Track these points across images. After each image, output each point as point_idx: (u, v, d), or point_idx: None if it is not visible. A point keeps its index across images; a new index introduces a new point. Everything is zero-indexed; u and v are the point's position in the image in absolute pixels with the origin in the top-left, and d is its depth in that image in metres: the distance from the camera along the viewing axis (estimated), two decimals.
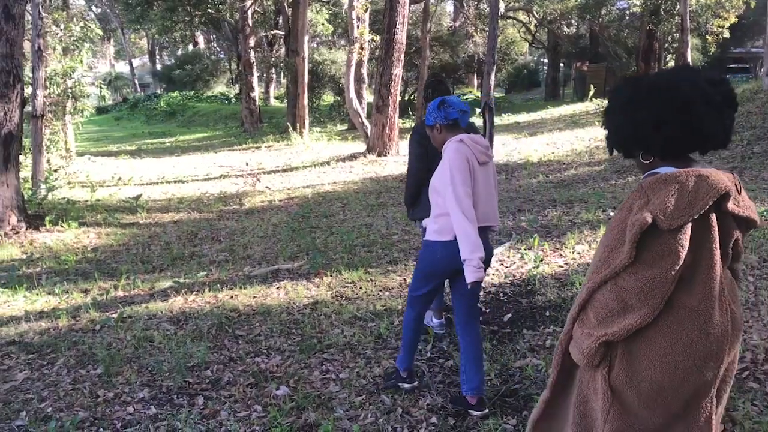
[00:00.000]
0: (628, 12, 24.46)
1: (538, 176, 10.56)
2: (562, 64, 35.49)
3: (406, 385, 3.69)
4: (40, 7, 11.21)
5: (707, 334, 1.88)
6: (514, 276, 5.55)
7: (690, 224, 1.82)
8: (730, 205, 1.88)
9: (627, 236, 1.86)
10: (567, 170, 10.79)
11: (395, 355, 4.12)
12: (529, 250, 6.20)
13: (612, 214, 7.37)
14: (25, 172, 11.03)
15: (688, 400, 1.94)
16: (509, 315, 4.76)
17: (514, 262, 5.95)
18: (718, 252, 1.88)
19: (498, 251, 6.30)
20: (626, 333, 1.88)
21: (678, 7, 17.60)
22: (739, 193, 1.93)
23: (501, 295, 5.19)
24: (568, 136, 14.62)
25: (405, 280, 5.68)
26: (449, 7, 40.94)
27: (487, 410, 3.35)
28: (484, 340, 4.27)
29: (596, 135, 13.81)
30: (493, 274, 5.64)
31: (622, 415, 1.96)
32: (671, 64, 23.69)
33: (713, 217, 1.87)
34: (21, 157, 9.00)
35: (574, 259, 5.84)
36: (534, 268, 5.57)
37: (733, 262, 2.06)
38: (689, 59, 13.50)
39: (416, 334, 3.65)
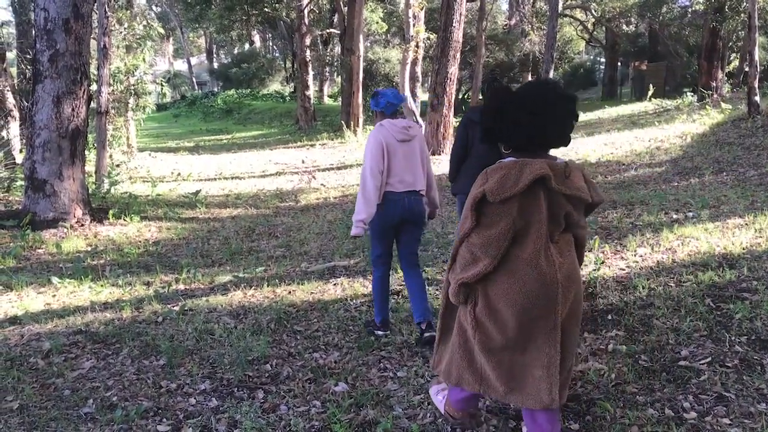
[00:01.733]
0: (690, 10, 23.78)
1: (596, 177, 10.35)
2: (619, 63, 34.74)
3: (380, 332, 4.51)
4: (106, 6, 11.54)
5: (536, 279, 2.54)
6: None
7: (516, 198, 2.48)
8: (555, 185, 2.50)
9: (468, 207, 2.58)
10: (627, 171, 10.55)
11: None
12: (589, 252, 6.08)
13: (675, 216, 7.18)
14: (89, 167, 11.37)
15: (531, 326, 2.62)
16: None
17: None
18: (545, 218, 2.55)
19: None
20: (476, 277, 2.58)
21: (745, 4, 17.01)
22: (567, 177, 2.56)
23: None
24: (627, 136, 14.29)
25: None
26: (504, 5, 40.55)
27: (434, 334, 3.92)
28: None
29: (656, 136, 13.47)
30: None
31: (483, 336, 2.70)
32: (735, 63, 22.93)
33: (542, 193, 2.52)
34: (86, 152, 9.28)
35: (636, 262, 5.70)
36: (595, 270, 5.45)
37: (574, 229, 2.72)
38: (756, 58, 13.02)
39: (384, 291, 4.49)
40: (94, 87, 11.54)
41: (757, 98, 12.78)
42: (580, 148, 13.33)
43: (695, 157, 10.81)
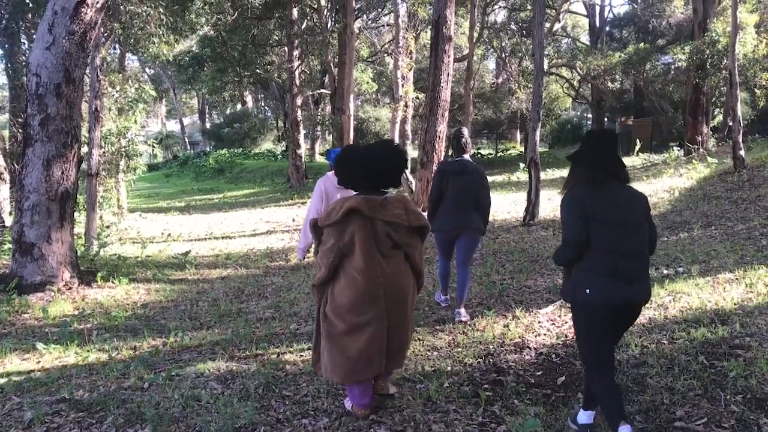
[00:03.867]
0: (673, 67, 24.34)
1: None
2: (606, 119, 35.34)
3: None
4: (98, 70, 11.71)
5: (364, 282, 3.52)
6: (566, 336, 5.40)
7: (337, 224, 3.53)
8: (370, 214, 3.51)
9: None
10: None
11: (445, 419, 4.00)
12: None
13: (665, 271, 7.18)
14: (79, 228, 11.33)
15: (364, 323, 3.56)
16: (562, 378, 4.61)
17: (566, 322, 5.80)
18: (368, 239, 3.51)
19: (548, 310, 6.16)
20: (320, 280, 3.69)
21: (725, 61, 17.44)
22: (385, 208, 3.56)
23: (553, 356, 5.04)
24: None
25: (453, 339, 5.58)
26: (492, 65, 41.44)
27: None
28: (537, 404, 4.14)
29: (644, 190, 13.58)
30: (544, 335, 5.50)
31: (330, 329, 3.69)
32: (719, 118, 23.36)
33: (360, 220, 3.50)
34: (75, 214, 9.26)
35: None
36: None
37: (402, 247, 3.67)
38: (739, 114, 13.27)
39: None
40: (85, 149, 11.60)
41: (742, 152, 12.97)
42: None
43: (684, 211, 10.90)
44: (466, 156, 6.30)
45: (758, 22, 19.80)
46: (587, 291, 3.35)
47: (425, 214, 6.33)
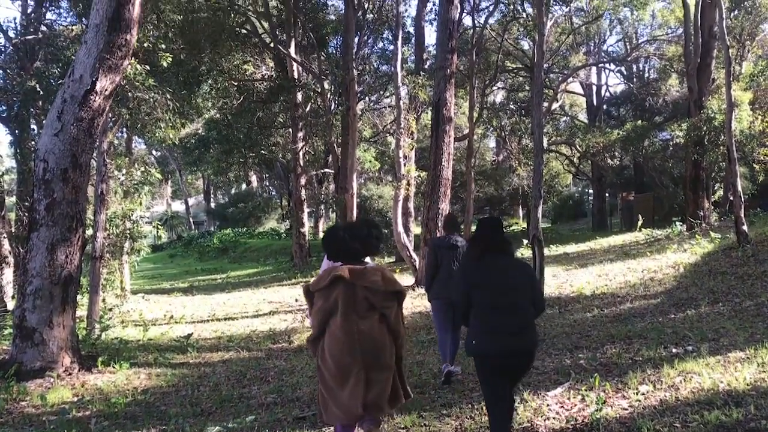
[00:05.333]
0: (671, 143, 24.69)
1: (592, 310, 10.27)
2: (607, 194, 35.62)
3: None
4: (105, 154, 11.91)
5: (344, 339, 4.06)
6: (576, 420, 5.25)
7: (324, 289, 4.15)
8: (350, 280, 4.08)
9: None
10: (622, 303, 10.50)
11: None
12: (589, 390, 5.91)
13: (674, 350, 7.06)
14: (81, 311, 11.25)
15: (345, 373, 4.07)
16: None
17: (575, 405, 5.66)
18: (347, 301, 4.08)
19: (557, 392, 6.03)
20: (313, 337, 4.26)
21: (722, 137, 17.70)
22: (364, 276, 4.12)
23: None
24: (620, 267, 14.35)
25: (461, 424, 5.43)
26: (492, 143, 42.11)
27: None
28: None
29: (649, 266, 13.53)
30: (553, 418, 5.36)
31: (322, 377, 4.22)
32: (720, 192, 23.51)
33: (343, 286, 4.09)
34: (78, 297, 9.21)
35: (639, 400, 5.53)
36: (597, 411, 5.26)
37: (379, 309, 4.16)
38: (739, 189, 13.37)
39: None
40: (90, 232, 11.66)
41: (745, 227, 12.97)
42: (575, 281, 13.33)
43: (690, 287, 10.81)
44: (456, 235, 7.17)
45: (752, 99, 20.20)
46: (473, 342, 4.25)
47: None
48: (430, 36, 64.82)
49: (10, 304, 11.44)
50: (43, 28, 15.50)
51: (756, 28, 25.32)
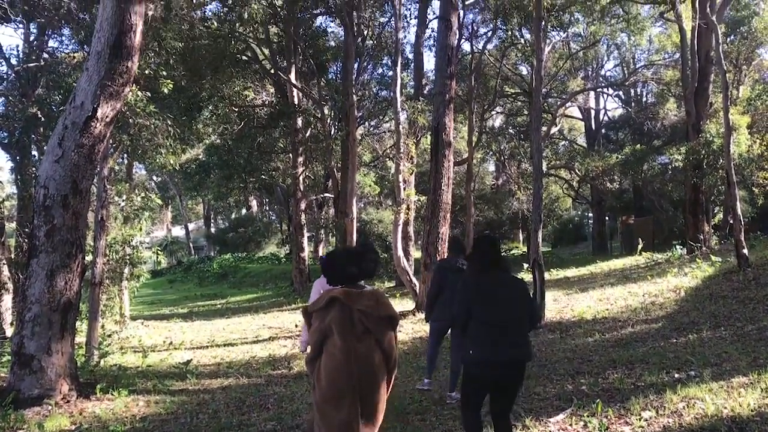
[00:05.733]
0: (670, 166, 24.77)
1: (594, 335, 10.22)
2: (607, 218, 35.63)
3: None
4: (106, 180, 11.94)
5: (340, 359, 4.08)
6: None
7: (320, 310, 4.21)
8: (347, 303, 4.15)
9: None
10: (623, 328, 10.44)
11: None
12: (592, 417, 5.86)
13: (676, 375, 7.02)
14: (80, 338, 11.19)
15: (341, 394, 4.07)
16: None
17: (578, 431, 5.61)
18: (343, 322, 4.12)
19: (559, 419, 5.97)
20: (310, 356, 4.26)
21: (721, 161, 17.76)
22: (360, 300, 4.18)
23: None
24: (620, 291, 14.31)
25: None
26: (491, 167, 42.24)
27: None
28: None
29: (650, 290, 13.49)
30: None
31: (317, 395, 4.18)
32: (720, 216, 23.52)
33: (339, 308, 4.14)
34: (77, 323, 9.16)
35: (642, 427, 5.48)
36: None
37: (373, 333, 4.19)
38: (739, 212, 13.38)
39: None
40: (89, 258, 11.64)
41: (745, 251, 12.97)
42: (576, 305, 13.28)
43: (691, 311, 10.77)
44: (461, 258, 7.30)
45: (750, 123, 20.30)
46: (471, 352, 4.58)
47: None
48: (429, 61, 65.39)
49: (9, 331, 11.38)
50: (45, 55, 15.63)
51: (752, 53, 25.55)
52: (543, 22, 17.40)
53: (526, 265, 18.77)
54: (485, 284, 4.67)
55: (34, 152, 15.28)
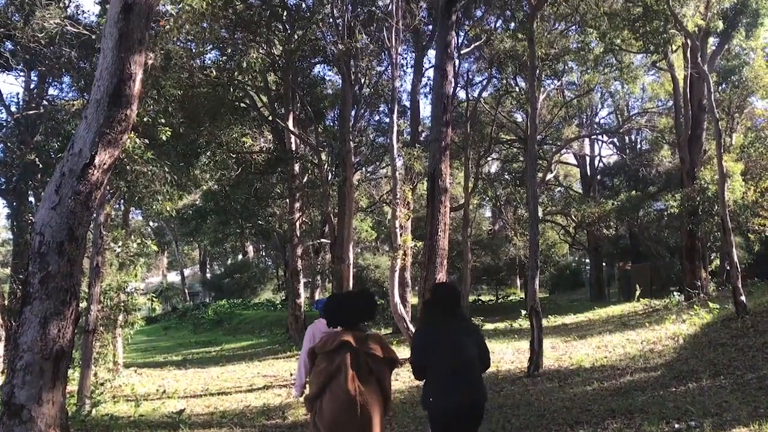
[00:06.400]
0: (666, 213, 24.87)
1: (592, 383, 10.11)
2: (604, 264, 35.60)
3: None
4: (102, 226, 11.93)
5: (344, 398, 4.29)
6: None
7: (330, 352, 4.42)
8: (355, 346, 4.40)
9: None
10: (622, 376, 10.33)
11: None
12: None
13: (677, 426, 6.93)
14: (72, 386, 11.02)
15: (341, 428, 4.28)
16: None
17: None
18: (348, 367, 4.34)
19: None
20: (313, 396, 4.45)
21: (716, 207, 17.84)
22: (366, 342, 4.48)
23: None
24: (618, 338, 14.21)
25: None
26: (488, 213, 42.39)
27: None
28: None
29: (648, 337, 13.40)
30: None
31: None
32: (717, 262, 23.53)
33: (347, 351, 4.38)
34: (69, 371, 9.02)
35: None
36: None
37: (376, 374, 4.46)
38: (735, 259, 13.39)
39: None
40: (84, 305, 11.54)
41: (743, 298, 12.93)
42: (574, 353, 13.16)
43: (690, 359, 10.67)
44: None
45: (744, 169, 20.47)
46: (430, 399, 4.79)
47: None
48: (426, 108, 65.94)
49: (0, 379, 11.20)
50: (45, 102, 15.79)
51: (744, 101, 25.90)
52: (537, 71, 17.69)
53: (523, 312, 18.69)
54: (440, 332, 4.90)
55: (31, 198, 15.30)
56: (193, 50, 16.92)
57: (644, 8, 15.41)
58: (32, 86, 16.88)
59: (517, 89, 25.21)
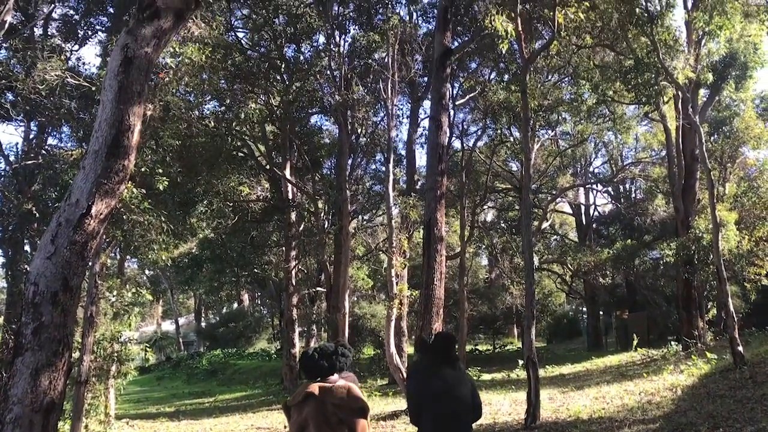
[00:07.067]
0: (662, 262, 24.91)
1: None
2: (601, 313, 35.44)
3: None
4: (97, 276, 11.90)
5: None
6: None
7: (299, 403, 4.48)
8: (320, 397, 4.44)
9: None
10: (620, 428, 10.19)
11: None
12: None
13: None
14: None
15: None
16: None
17: None
18: (317, 414, 4.40)
19: None
20: None
21: (711, 256, 17.89)
22: (331, 392, 4.47)
23: None
24: (616, 389, 14.07)
25: None
26: (484, 261, 42.37)
27: None
28: None
29: (646, 388, 13.27)
30: None
31: None
32: (714, 311, 23.46)
33: (314, 401, 4.43)
34: (59, 423, 8.88)
35: None
36: None
37: (346, 422, 4.44)
38: (731, 309, 13.37)
39: None
40: (76, 355, 11.44)
41: (740, 348, 12.87)
42: (571, 404, 13.01)
43: (688, 411, 10.56)
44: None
45: (738, 219, 20.59)
46: None
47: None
48: (421, 158, 66.48)
49: None
50: (44, 152, 15.93)
51: (736, 151, 26.23)
52: (531, 122, 17.96)
53: (521, 362, 18.53)
54: (436, 380, 5.03)
55: (27, 248, 15.29)
56: (192, 101, 17.15)
57: (635, 61, 15.73)
58: (31, 136, 17.05)
59: (511, 139, 25.54)
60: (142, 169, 12.29)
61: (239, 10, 21.87)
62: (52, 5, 17.96)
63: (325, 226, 24.24)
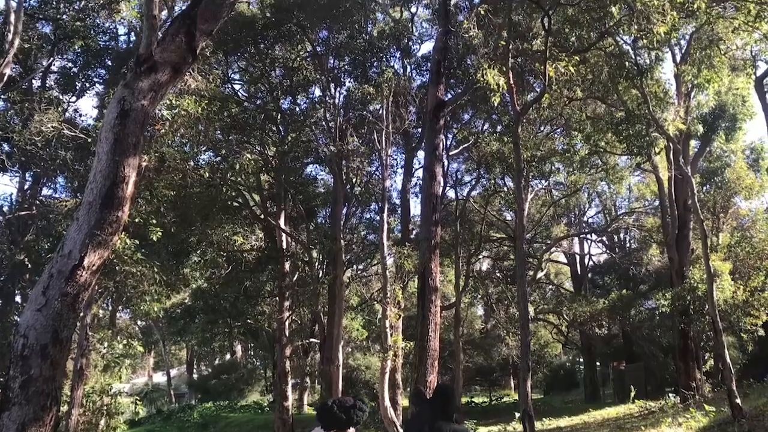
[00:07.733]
0: (657, 312, 24.78)
1: None
2: (598, 363, 35.10)
3: None
4: (88, 327, 11.77)
5: None
6: None
7: None
8: None
9: None
10: None
11: None
12: None
13: None
14: None
15: None
16: None
17: None
18: None
19: None
20: None
21: (707, 307, 17.82)
22: None
23: None
24: None
25: None
26: (480, 311, 42.09)
27: None
28: None
29: None
30: None
31: None
32: (711, 362, 23.25)
33: None
34: None
35: None
36: None
37: None
38: (728, 360, 13.26)
39: None
40: (65, 408, 11.22)
41: (738, 401, 12.70)
42: None
43: None
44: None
45: (732, 269, 20.57)
46: None
47: None
48: (416, 207, 66.54)
49: None
50: (38, 202, 15.93)
51: (728, 201, 26.42)
52: (524, 172, 18.10)
53: (517, 414, 18.23)
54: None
55: (18, 299, 15.15)
56: (188, 152, 17.27)
57: (626, 113, 15.96)
58: (26, 187, 17.08)
59: (505, 189, 25.66)
60: (136, 220, 12.28)
61: (236, 63, 22.20)
62: (51, 58, 18.21)
63: (320, 275, 24.13)
